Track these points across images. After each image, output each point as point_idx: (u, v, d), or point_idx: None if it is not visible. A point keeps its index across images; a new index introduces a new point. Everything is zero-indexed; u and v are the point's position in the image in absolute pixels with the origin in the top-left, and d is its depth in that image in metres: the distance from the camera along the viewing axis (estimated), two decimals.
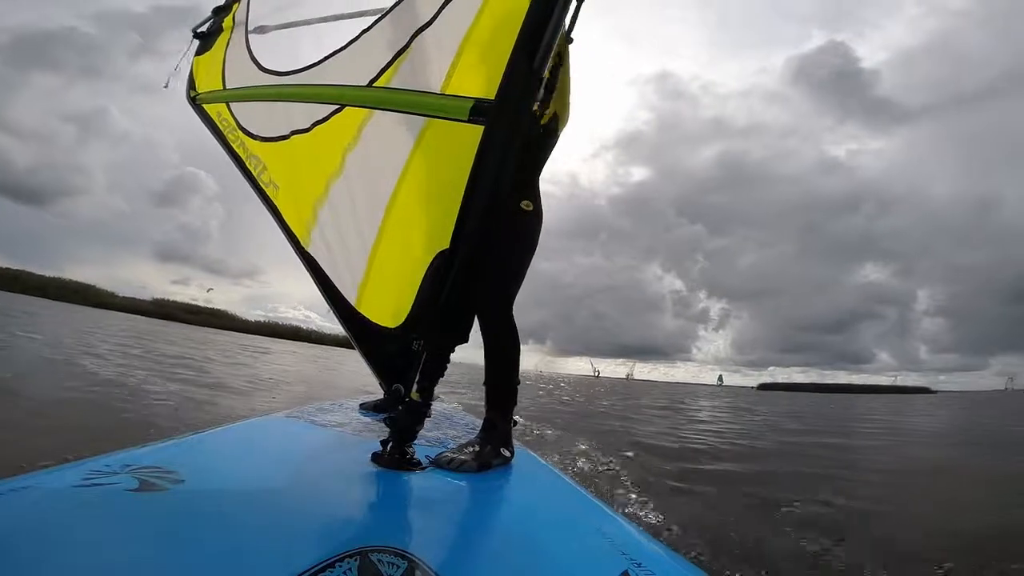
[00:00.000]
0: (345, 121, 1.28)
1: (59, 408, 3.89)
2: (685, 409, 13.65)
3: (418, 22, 1.13)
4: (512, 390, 1.54)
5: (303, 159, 1.40)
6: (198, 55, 1.92)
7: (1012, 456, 6.28)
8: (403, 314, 1.15)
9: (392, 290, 1.19)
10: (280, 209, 1.47)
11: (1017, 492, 3.97)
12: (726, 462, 5.07)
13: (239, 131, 1.62)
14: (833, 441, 7.60)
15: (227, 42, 1.78)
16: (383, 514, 0.98)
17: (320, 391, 8.23)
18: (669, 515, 2.83)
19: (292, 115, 1.42)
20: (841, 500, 3.45)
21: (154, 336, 17.27)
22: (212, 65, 1.80)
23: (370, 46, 1.23)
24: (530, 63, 0.98)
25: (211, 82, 1.78)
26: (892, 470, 5.20)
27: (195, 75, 1.88)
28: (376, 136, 1.22)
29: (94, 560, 0.61)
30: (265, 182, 1.52)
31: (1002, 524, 3.03)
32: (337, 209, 1.30)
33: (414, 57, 1.14)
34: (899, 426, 11.80)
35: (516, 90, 0.99)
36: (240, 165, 1.60)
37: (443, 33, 1.10)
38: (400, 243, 1.18)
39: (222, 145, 1.68)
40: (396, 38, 1.17)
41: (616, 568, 0.79)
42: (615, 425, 7.67)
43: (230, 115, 1.66)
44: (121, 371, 6.36)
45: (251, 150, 1.57)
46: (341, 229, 1.30)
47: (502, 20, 1.00)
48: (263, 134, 1.54)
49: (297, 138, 1.41)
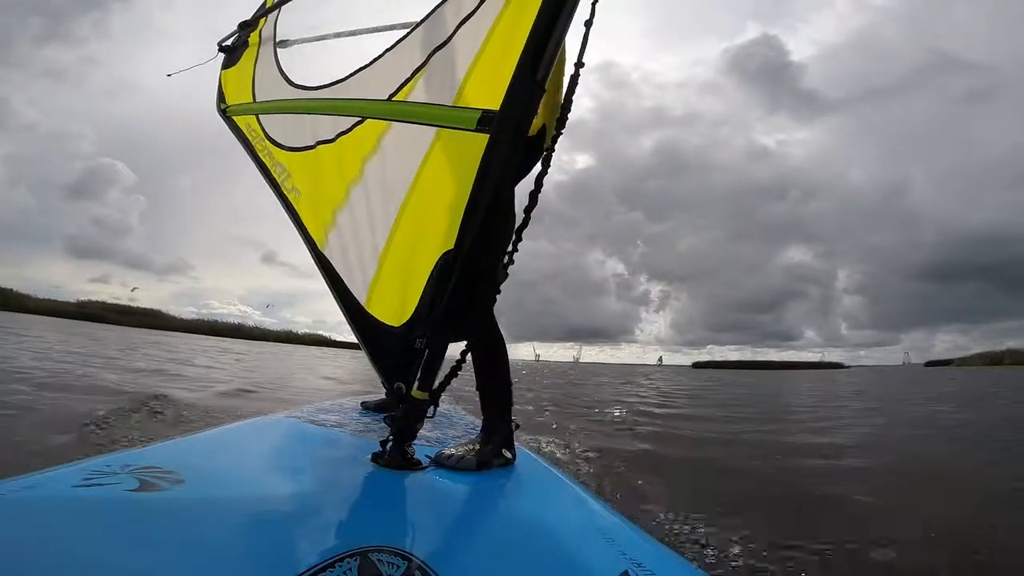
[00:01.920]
0: (366, 132, 1.36)
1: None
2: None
3: (437, 40, 1.22)
4: (506, 389, 1.52)
5: (327, 167, 1.49)
6: (224, 69, 2.05)
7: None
8: (407, 313, 1.20)
9: (399, 290, 1.24)
10: (300, 213, 1.56)
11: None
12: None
13: (267, 141, 1.73)
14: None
15: (256, 57, 1.90)
16: (383, 514, 0.98)
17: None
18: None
19: (318, 127, 1.51)
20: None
21: (103, 340, 16.76)
22: (241, 79, 1.92)
23: (392, 63, 1.32)
24: (533, 74, 1.05)
25: (241, 95, 1.89)
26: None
27: (224, 89, 2.01)
28: (394, 145, 1.30)
29: (94, 560, 0.61)
30: (288, 188, 1.62)
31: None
32: (355, 213, 1.38)
33: (431, 73, 1.23)
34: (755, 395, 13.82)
35: (519, 99, 1.06)
36: (265, 172, 1.70)
37: (458, 50, 1.18)
38: (409, 245, 1.24)
39: (249, 154, 1.79)
40: (416, 56, 1.26)
41: (616, 568, 0.79)
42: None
43: (259, 126, 1.77)
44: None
45: (277, 158, 1.67)
46: (357, 231, 1.36)
47: (510, 37, 1.08)
48: (290, 144, 1.64)
49: (322, 148, 1.50)
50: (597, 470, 3.54)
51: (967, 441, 5.62)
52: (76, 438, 2.93)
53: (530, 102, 1.09)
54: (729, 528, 2.41)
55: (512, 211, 1.64)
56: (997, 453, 4.64)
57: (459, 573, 0.72)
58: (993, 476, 3.74)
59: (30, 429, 3.21)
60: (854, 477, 3.73)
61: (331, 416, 1.77)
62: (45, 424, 3.33)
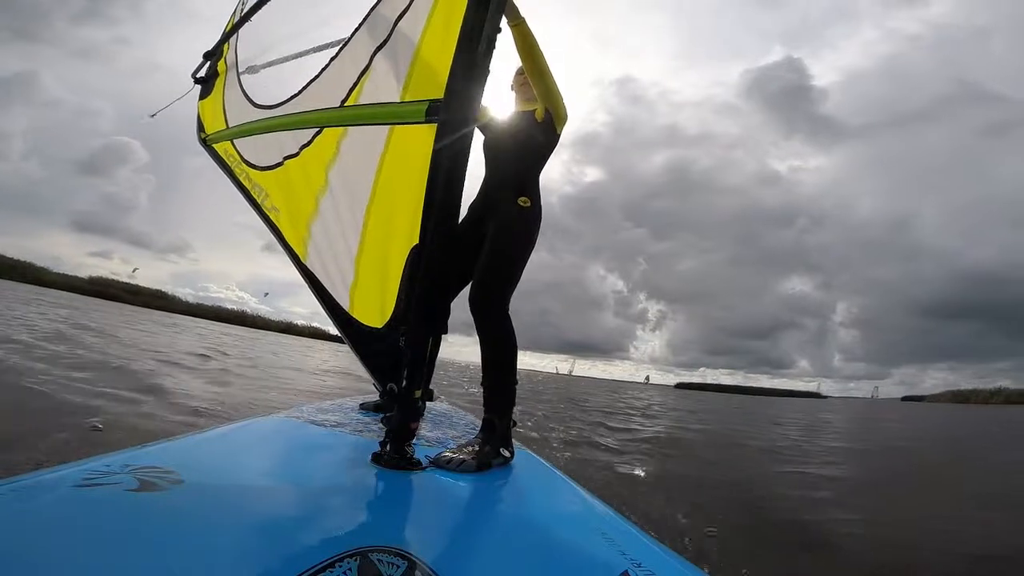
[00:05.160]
0: (326, 141, 1.38)
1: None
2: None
3: (376, 42, 1.22)
4: (510, 391, 1.52)
5: (296, 181, 1.51)
6: (201, 99, 2.10)
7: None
8: (388, 312, 1.20)
9: (377, 291, 1.24)
10: (282, 231, 1.59)
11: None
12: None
13: (243, 164, 1.76)
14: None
15: (223, 84, 1.94)
16: (383, 514, 0.98)
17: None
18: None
19: (283, 143, 1.54)
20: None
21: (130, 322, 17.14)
22: (215, 107, 1.97)
23: (338, 70, 1.33)
24: (472, 56, 1.04)
25: (216, 123, 1.94)
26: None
27: (202, 118, 2.06)
28: (352, 150, 1.31)
29: (94, 560, 0.61)
30: (268, 208, 1.65)
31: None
32: (326, 222, 1.39)
33: (376, 73, 1.23)
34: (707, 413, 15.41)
35: (461, 83, 1.05)
36: (247, 195, 1.73)
37: (399, 46, 1.18)
38: (380, 245, 1.24)
39: (231, 179, 1.83)
40: (359, 60, 1.26)
41: (616, 568, 0.79)
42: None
43: (235, 151, 1.81)
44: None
45: (254, 180, 1.71)
46: (331, 240, 1.38)
47: (447, 23, 1.08)
48: (262, 164, 1.67)
49: (290, 162, 1.52)
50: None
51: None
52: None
53: (472, 84, 1.08)
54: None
55: (538, 198, 1.65)
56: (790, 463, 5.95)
57: (459, 573, 0.72)
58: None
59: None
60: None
61: (331, 416, 1.76)
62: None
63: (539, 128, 1.65)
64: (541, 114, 1.64)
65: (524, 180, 1.64)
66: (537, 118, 1.65)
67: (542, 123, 1.65)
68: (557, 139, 1.69)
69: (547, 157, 1.70)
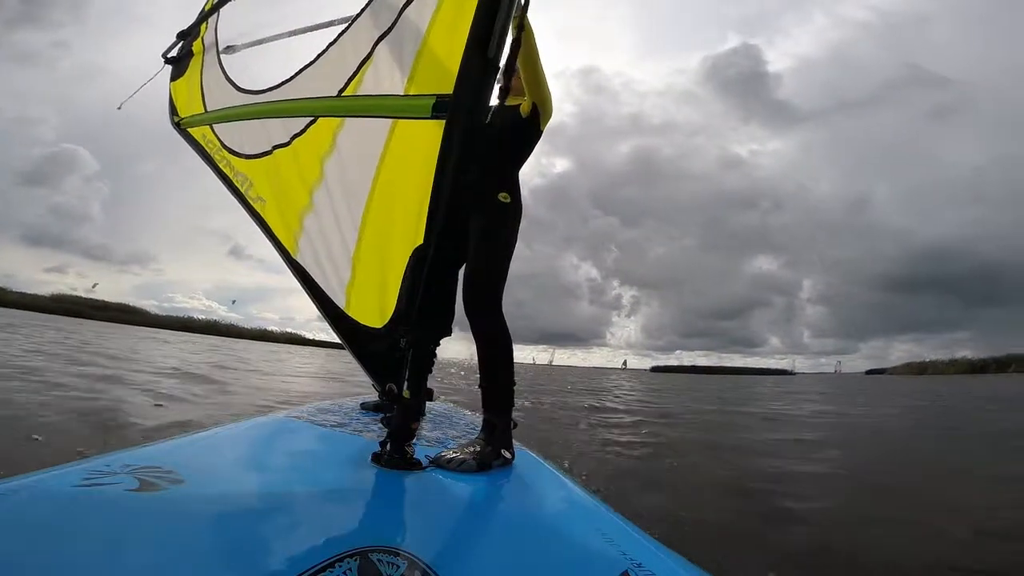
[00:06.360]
0: (320, 131, 1.32)
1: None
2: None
3: (379, 30, 1.17)
4: (508, 390, 1.52)
5: (286, 171, 1.44)
6: (173, 80, 1.97)
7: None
8: (388, 312, 1.17)
9: (376, 290, 1.21)
10: (268, 222, 1.51)
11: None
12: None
13: (224, 151, 1.67)
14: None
15: (201, 65, 1.83)
16: (383, 514, 0.98)
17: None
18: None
19: (272, 131, 1.46)
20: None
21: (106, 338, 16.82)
22: (191, 89, 1.85)
23: (337, 58, 1.26)
24: (484, 52, 1.01)
25: (192, 106, 1.83)
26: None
27: (175, 101, 1.93)
28: (349, 142, 1.25)
29: (94, 560, 0.61)
30: (252, 197, 1.57)
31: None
32: (321, 216, 1.34)
33: (378, 63, 1.18)
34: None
35: (472, 80, 1.02)
36: (227, 183, 1.64)
37: (404, 36, 1.13)
38: (380, 243, 1.21)
39: (209, 166, 1.73)
40: (360, 48, 1.20)
41: (616, 568, 0.80)
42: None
43: (214, 136, 1.71)
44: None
45: (237, 168, 1.62)
46: (326, 235, 1.33)
47: (456, 17, 1.04)
48: (247, 152, 1.58)
49: (279, 152, 1.45)
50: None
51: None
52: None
53: (484, 82, 1.04)
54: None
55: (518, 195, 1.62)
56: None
57: (459, 573, 0.72)
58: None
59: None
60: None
61: (331, 416, 1.77)
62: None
63: (523, 123, 1.64)
64: (527, 109, 1.62)
65: (505, 176, 1.63)
66: (522, 113, 1.63)
67: (526, 118, 1.63)
68: (540, 135, 1.69)
69: (529, 153, 1.70)
